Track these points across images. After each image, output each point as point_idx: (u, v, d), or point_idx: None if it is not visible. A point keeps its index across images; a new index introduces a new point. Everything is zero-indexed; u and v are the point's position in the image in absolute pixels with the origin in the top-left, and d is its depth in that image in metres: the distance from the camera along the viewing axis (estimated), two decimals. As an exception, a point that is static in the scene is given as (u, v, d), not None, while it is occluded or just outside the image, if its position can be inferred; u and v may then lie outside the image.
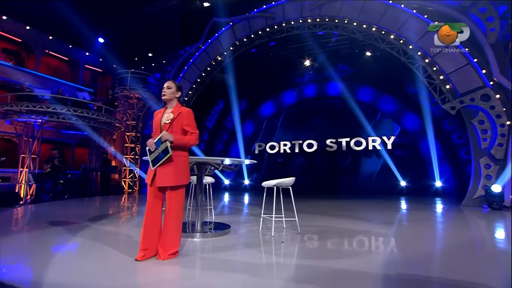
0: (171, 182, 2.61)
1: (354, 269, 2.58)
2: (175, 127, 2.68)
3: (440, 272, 2.60)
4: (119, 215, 5.84)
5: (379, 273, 2.49)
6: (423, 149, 11.25)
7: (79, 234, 3.84)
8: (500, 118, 6.90)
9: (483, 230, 4.64)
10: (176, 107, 2.78)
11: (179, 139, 2.64)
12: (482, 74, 7.16)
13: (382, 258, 2.96)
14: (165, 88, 2.81)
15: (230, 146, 15.33)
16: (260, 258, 2.91)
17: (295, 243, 3.50)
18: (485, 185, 6.84)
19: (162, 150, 2.59)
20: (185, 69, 11.19)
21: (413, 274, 2.51)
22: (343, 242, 3.62)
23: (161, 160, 2.58)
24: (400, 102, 11.96)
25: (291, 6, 9.57)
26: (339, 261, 2.82)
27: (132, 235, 3.86)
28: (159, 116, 2.79)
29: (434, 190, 10.56)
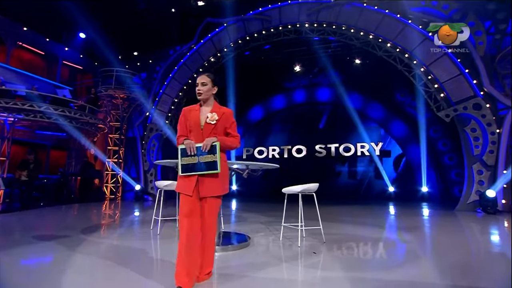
0: (219, 191, 2.28)
1: (411, 280, 2.43)
2: (218, 129, 2.33)
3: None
4: (108, 224, 5.33)
5: (441, 283, 2.35)
6: (410, 155, 11.62)
7: (70, 248, 3.37)
8: (490, 126, 7.24)
9: (501, 236, 4.74)
10: (215, 105, 2.41)
11: (223, 141, 2.29)
12: (473, 84, 7.50)
13: (431, 266, 2.85)
14: (199, 85, 2.36)
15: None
16: (302, 272, 2.69)
17: (328, 253, 3.30)
18: (479, 190, 7.12)
19: (206, 161, 2.21)
20: (175, 69, 10.73)
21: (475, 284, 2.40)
22: (377, 250, 3.49)
23: (201, 171, 2.21)
24: (388, 109, 12.31)
25: (288, 10, 9.53)
26: (388, 272, 2.66)
27: (134, 246, 3.46)
28: (196, 114, 2.37)
29: (420, 195, 10.89)
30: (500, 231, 4.96)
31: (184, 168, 2.24)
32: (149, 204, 9.29)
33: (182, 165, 2.25)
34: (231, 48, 10.23)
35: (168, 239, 3.97)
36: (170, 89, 10.73)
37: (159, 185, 4.56)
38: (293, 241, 3.89)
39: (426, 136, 11.08)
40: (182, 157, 2.25)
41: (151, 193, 10.41)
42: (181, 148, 2.27)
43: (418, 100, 10.86)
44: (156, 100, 10.82)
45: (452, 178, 10.62)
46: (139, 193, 10.07)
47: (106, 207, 8.31)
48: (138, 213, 7.11)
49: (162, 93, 10.78)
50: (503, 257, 3.33)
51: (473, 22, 7.95)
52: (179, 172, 2.25)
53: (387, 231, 4.90)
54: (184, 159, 2.25)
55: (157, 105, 10.75)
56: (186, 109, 2.44)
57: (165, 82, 10.81)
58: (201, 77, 2.38)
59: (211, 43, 10.41)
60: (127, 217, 6.55)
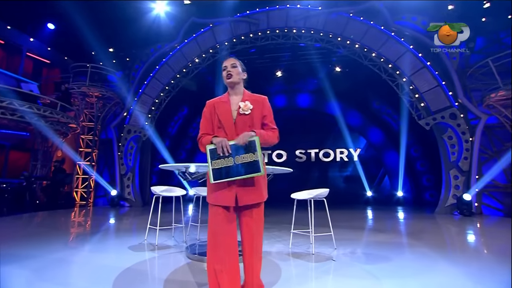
0: (262, 196, 1.93)
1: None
2: (254, 121, 1.95)
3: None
4: (89, 234, 4.84)
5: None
6: (385, 161, 12.18)
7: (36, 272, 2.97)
8: (464, 134, 7.81)
9: (497, 237, 5.04)
10: (245, 93, 2.06)
11: (262, 135, 1.88)
12: (449, 95, 8.06)
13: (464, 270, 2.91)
14: (229, 66, 2.02)
15: (195, 155, 14.48)
16: (335, 283, 2.59)
17: (347, 260, 3.26)
18: (455, 194, 7.62)
19: (245, 161, 1.81)
20: (156, 68, 10.24)
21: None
22: (394, 254, 3.50)
23: (240, 176, 1.81)
24: (365, 116, 12.81)
25: (276, 15, 9.57)
26: (424, 277, 2.67)
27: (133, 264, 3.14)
28: (226, 106, 2.00)
29: (396, 199, 11.42)
30: (487, 231, 5.31)
31: (217, 173, 1.80)
32: (125, 210, 8.66)
33: (214, 170, 1.80)
34: (216, 49, 10.01)
35: (167, 250, 3.67)
36: (150, 89, 10.20)
37: (155, 191, 4.22)
38: (304, 248, 3.81)
39: (401, 143, 11.71)
40: (213, 160, 1.81)
41: (128, 198, 9.73)
42: (210, 149, 1.83)
43: (395, 108, 11.49)
44: (135, 100, 10.21)
45: (423, 183, 11.29)
46: (115, 199, 9.36)
47: (77, 215, 7.58)
48: (124, 221, 6.58)
49: (142, 93, 10.21)
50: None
51: (448, 38, 8.58)
52: (210, 179, 1.81)
53: (393, 234, 5.01)
54: (215, 162, 1.81)
55: (136, 106, 10.15)
56: (211, 102, 2.05)
57: (145, 82, 10.26)
58: (229, 59, 2.07)
59: (195, 44, 10.10)
60: (109, 225, 6.01)
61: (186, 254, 3.41)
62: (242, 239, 1.94)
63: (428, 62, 8.20)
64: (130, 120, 10.14)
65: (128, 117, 10.21)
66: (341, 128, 13.15)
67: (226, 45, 9.94)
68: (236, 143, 1.81)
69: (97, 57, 11.09)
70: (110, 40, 10.96)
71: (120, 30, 10.57)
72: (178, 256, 3.40)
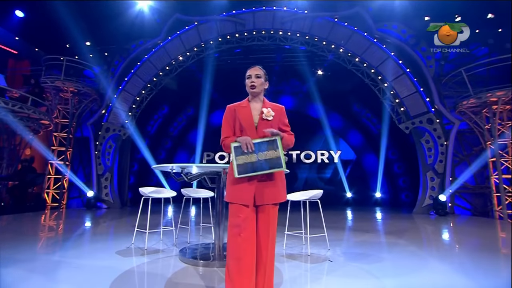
0: (281, 197, 2.02)
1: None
2: (274, 127, 2.05)
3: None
4: (62, 241, 4.55)
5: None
6: (364, 163, 12.58)
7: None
8: (440, 139, 8.26)
9: (489, 235, 5.33)
10: (265, 102, 2.15)
11: (285, 137, 2.01)
12: (427, 101, 8.49)
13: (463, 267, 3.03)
14: (253, 76, 2.08)
15: (175, 155, 14.12)
16: (338, 283, 2.60)
17: (343, 261, 3.30)
18: (431, 195, 8.02)
19: (268, 158, 1.89)
20: (138, 65, 9.85)
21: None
22: (385, 253, 3.58)
23: (263, 171, 1.90)
24: (345, 119, 13.17)
25: (262, 16, 9.58)
26: (420, 275, 2.75)
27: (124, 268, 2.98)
28: (247, 111, 2.08)
29: (374, 200, 11.83)
30: (462, 230, 5.63)
31: (242, 168, 1.89)
32: (103, 212, 8.22)
33: (238, 165, 1.89)
34: (202, 48, 9.83)
35: (158, 254, 3.52)
36: (131, 86, 9.79)
37: (144, 192, 4.02)
38: (298, 249, 3.81)
39: (378, 146, 12.16)
40: (237, 156, 1.91)
41: (106, 200, 9.25)
42: (234, 146, 1.93)
43: (374, 112, 11.92)
44: (114, 97, 9.75)
45: (400, 184, 11.80)
46: (92, 200, 8.85)
47: (49, 217, 7.08)
48: (105, 224, 6.22)
49: (122, 90, 9.78)
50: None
51: (425, 48, 9.06)
52: (235, 174, 1.90)
53: (381, 234, 5.15)
54: (240, 158, 1.90)
55: (115, 103, 9.69)
56: (232, 107, 2.13)
57: (126, 79, 9.84)
58: (254, 68, 2.12)
59: (179, 41, 9.85)
60: (90, 229, 5.67)
61: (180, 258, 3.29)
62: (257, 238, 1.96)
63: (408, 69, 8.59)
64: (109, 118, 9.67)
65: (107, 114, 9.72)
66: (323, 130, 13.42)
67: (212, 44, 9.79)
68: (266, 140, 1.93)
69: (72, 50, 10.46)
70: (86, 32, 10.37)
71: (98, 22, 10.07)
72: (171, 260, 3.26)
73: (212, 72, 11.55)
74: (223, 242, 3.43)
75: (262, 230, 1.96)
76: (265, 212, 1.97)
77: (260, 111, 2.07)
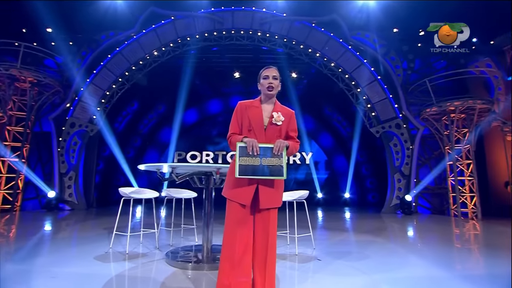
0: (279, 201, 2.03)
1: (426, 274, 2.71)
2: (282, 131, 2.06)
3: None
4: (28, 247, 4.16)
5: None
6: (334, 164, 13.07)
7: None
8: (406, 143, 8.87)
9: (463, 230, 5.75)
10: (277, 103, 2.12)
11: (291, 148, 2.01)
12: (395, 107, 9.06)
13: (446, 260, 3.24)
14: (271, 78, 2.04)
15: (145, 153, 13.53)
16: (331, 281, 2.66)
17: (331, 259, 3.39)
18: (398, 196, 8.57)
19: (271, 164, 1.90)
20: (108, 57, 9.27)
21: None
22: (368, 251, 3.73)
23: (264, 176, 1.90)
24: (317, 122, 13.58)
25: (241, 16, 9.54)
26: (405, 270, 2.91)
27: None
28: (258, 112, 2.05)
29: (343, 200, 12.33)
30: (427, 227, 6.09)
31: (243, 169, 1.89)
32: (65, 214, 7.59)
33: (241, 165, 1.89)
34: (178, 44, 9.52)
35: (142, 259, 3.34)
36: (100, 79, 9.19)
37: (125, 192, 3.80)
38: (284, 249, 3.85)
39: (348, 148, 12.71)
40: (241, 157, 1.90)
41: (70, 200, 8.55)
42: (240, 146, 1.92)
43: (344, 115, 12.44)
44: (81, 90, 9.07)
45: (367, 185, 12.45)
46: (53, 201, 8.13)
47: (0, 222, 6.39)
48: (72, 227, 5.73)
49: (90, 83, 9.13)
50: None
51: (394, 57, 9.67)
52: (236, 173, 1.89)
53: (361, 233, 5.37)
54: (243, 158, 1.90)
55: (81, 97, 9.02)
56: (243, 104, 2.10)
57: (94, 71, 9.20)
58: (272, 69, 2.08)
59: (155, 35, 9.46)
60: (57, 232, 5.20)
61: (167, 261, 3.15)
62: (256, 240, 1.97)
63: (379, 77, 9.10)
64: (74, 113, 8.97)
65: (72, 109, 9.01)
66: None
67: (189, 40, 9.53)
68: (265, 146, 1.93)
69: (29, 36, 9.51)
70: (48, 18, 9.47)
71: (63, 8, 9.27)
72: (158, 264, 3.11)
73: (187, 70, 11.27)
74: (211, 244, 3.34)
75: (261, 233, 1.96)
76: (265, 215, 1.98)
77: (271, 114, 2.05)
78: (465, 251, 4.18)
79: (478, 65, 9.55)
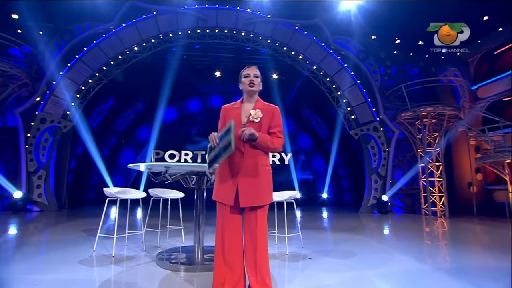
0: (265, 199, 1.99)
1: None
2: (263, 128, 2.05)
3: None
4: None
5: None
6: (313, 165, 13.37)
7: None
8: (383, 145, 9.28)
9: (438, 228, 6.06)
10: (259, 102, 2.14)
11: (263, 138, 1.98)
12: (373, 111, 9.46)
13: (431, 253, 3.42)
14: (252, 75, 2.07)
15: (120, 152, 13.01)
16: (326, 278, 2.73)
17: (321, 257, 3.47)
18: (375, 196, 8.94)
19: (223, 146, 1.83)
20: (85, 50, 8.80)
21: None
22: (355, 249, 3.86)
23: (220, 157, 1.84)
24: (296, 123, 13.82)
25: (226, 15, 9.47)
26: (394, 265, 3.05)
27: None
28: (237, 112, 2.08)
29: (321, 200, 12.65)
30: (403, 225, 6.43)
31: (210, 162, 1.98)
32: (34, 216, 7.08)
33: (209, 161, 1.99)
34: (160, 40, 9.26)
35: (130, 262, 3.23)
36: (75, 73, 8.69)
37: (110, 192, 3.64)
38: (273, 249, 3.89)
39: (326, 150, 13.08)
40: (209, 154, 2.00)
41: (39, 201, 7.99)
42: (208, 146, 2.00)
43: (322, 118, 12.77)
44: (53, 84, 8.52)
45: (343, 186, 12.87)
46: (20, 202, 7.55)
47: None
48: (46, 230, 5.35)
49: (63, 76, 8.60)
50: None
51: (372, 63, 10.10)
52: (208, 169, 2.05)
53: (338, 233, 5.52)
54: (210, 154, 1.98)
55: (54, 91, 8.47)
56: (226, 107, 2.17)
57: (69, 64, 8.68)
58: (253, 68, 2.12)
59: (135, 30, 9.12)
60: (30, 236, 4.84)
61: (158, 264, 3.05)
62: (245, 240, 2.00)
63: (359, 81, 9.45)
64: (46, 107, 8.41)
65: (43, 103, 8.43)
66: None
67: (171, 37, 9.30)
68: (227, 130, 1.84)
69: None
70: (14, 2, 8.76)
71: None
72: (149, 267, 3.00)
73: (167, 67, 10.99)
74: (203, 245, 3.29)
75: (249, 233, 1.96)
76: (252, 215, 1.97)
77: (249, 112, 2.06)
78: (440, 247, 4.46)
79: (447, 74, 10.25)
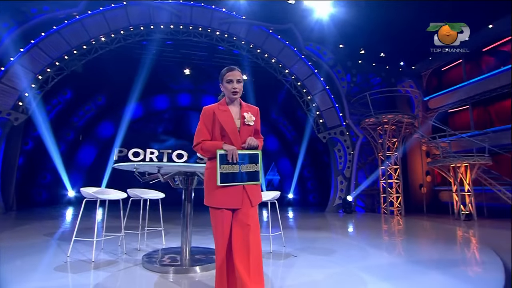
0: (261, 197, 2.07)
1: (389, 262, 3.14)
2: (254, 130, 2.07)
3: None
4: None
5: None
6: (280, 166, 13.69)
7: None
8: (348, 148, 9.88)
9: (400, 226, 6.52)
10: (243, 104, 2.10)
11: (260, 146, 2.05)
12: (340, 116, 10.02)
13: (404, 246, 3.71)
14: (235, 82, 1.99)
15: (79, 149, 12.05)
16: (316, 274, 2.86)
17: (306, 255, 3.61)
18: (340, 196, 9.48)
19: (249, 170, 1.93)
20: (42, 36, 8.00)
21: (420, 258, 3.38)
22: (335, 246, 4.07)
23: (243, 182, 1.93)
24: (264, 125, 14.02)
25: (200, 12, 9.32)
26: (372, 260, 3.29)
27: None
28: (229, 115, 2.02)
29: (286, 201, 13.00)
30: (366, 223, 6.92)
31: (224, 177, 1.90)
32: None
33: (222, 174, 1.89)
34: (130, 32, 8.79)
35: (113, 266, 3.07)
36: (29, 60, 7.87)
37: (88, 192, 3.41)
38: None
39: (292, 152, 13.50)
40: (222, 165, 1.89)
41: (-17, 203, 7.06)
42: (220, 154, 1.90)
43: (290, 120, 13.15)
44: (2, 70, 7.61)
45: (308, 187, 13.38)
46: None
47: None
48: None
49: (14, 63, 7.72)
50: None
51: (340, 70, 10.70)
52: (217, 181, 1.88)
53: (311, 231, 5.75)
54: (223, 166, 1.90)
55: (2, 78, 7.57)
56: (210, 109, 2.03)
57: (22, 50, 7.83)
58: (236, 72, 2.02)
59: (103, 19, 8.54)
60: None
61: (145, 267, 2.94)
62: (238, 239, 1.92)
63: (328, 87, 9.94)
64: (-7, 97, 7.49)
65: (-11, 92, 7.50)
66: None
67: (142, 30, 8.88)
68: (247, 144, 1.95)
69: None
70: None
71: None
72: (135, 270, 2.87)
73: (135, 61, 10.49)
74: (191, 246, 3.24)
75: (251, 230, 1.92)
76: (249, 213, 1.95)
77: (241, 116, 2.02)
78: (404, 241, 4.89)
79: (404, 85, 11.25)
